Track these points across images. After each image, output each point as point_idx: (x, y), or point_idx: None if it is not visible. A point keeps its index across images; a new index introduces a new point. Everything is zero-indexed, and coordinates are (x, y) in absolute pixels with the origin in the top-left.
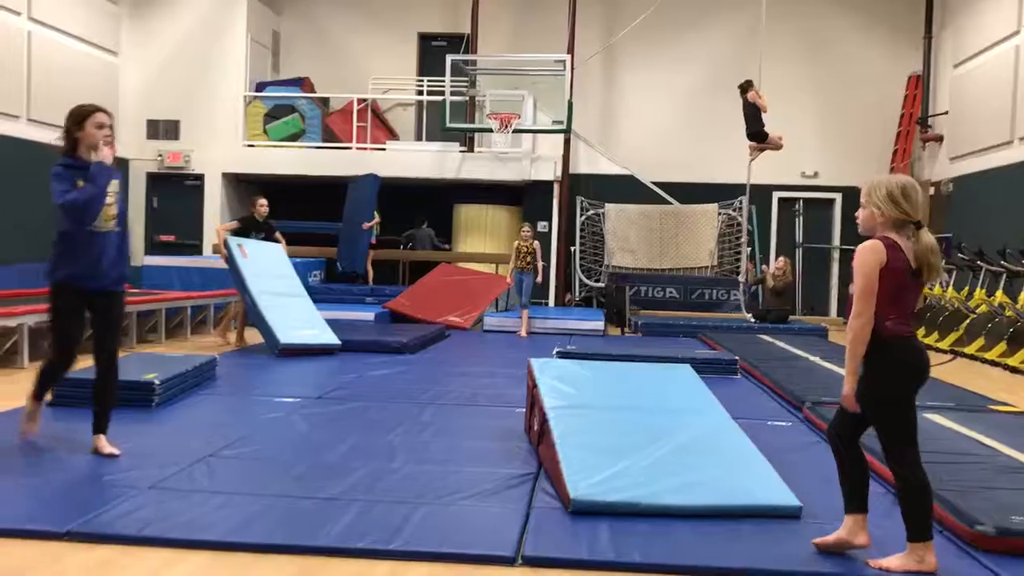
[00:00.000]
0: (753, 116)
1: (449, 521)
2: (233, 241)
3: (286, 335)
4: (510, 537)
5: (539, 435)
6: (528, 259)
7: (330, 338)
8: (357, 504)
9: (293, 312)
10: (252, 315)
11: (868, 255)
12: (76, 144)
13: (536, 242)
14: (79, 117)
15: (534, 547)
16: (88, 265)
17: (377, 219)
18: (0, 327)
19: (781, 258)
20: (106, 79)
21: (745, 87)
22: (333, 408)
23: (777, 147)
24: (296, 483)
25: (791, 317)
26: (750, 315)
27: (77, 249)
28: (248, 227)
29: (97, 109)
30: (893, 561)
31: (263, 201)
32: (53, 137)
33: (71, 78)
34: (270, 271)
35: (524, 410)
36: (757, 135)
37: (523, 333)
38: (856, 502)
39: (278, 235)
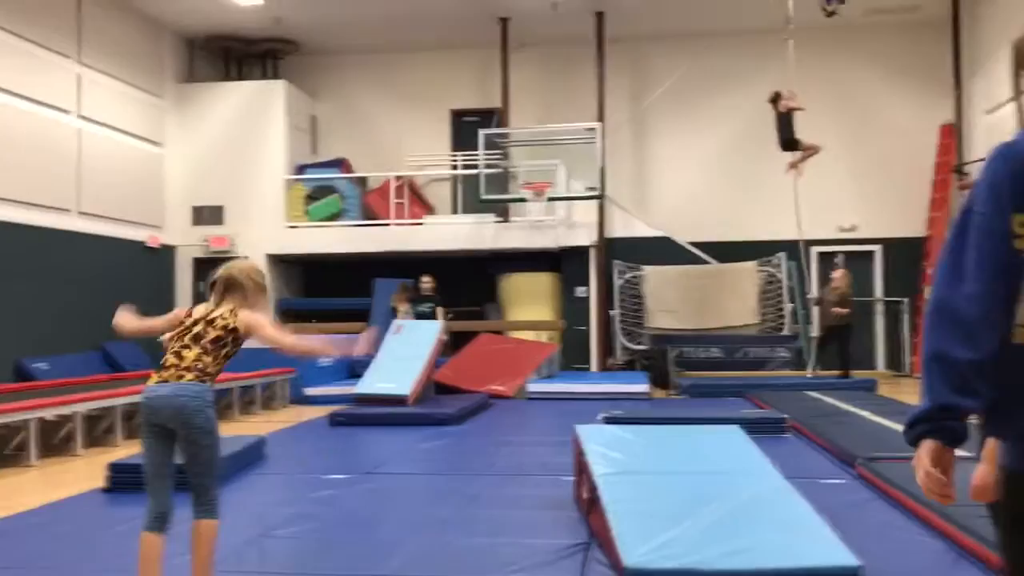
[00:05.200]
0: (785, 125)
1: None
2: (397, 323)
3: (364, 387)
4: None
5: (589, 503)
6: None
7: (398, 390)
8: None
9: (392, 370)
10: None
11: None
12: None
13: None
14: None
15: None
16: None
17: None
18: (56, 416)
19: (839, 270)
20: (152, 169)
21: (775, 98)
22: (382, 483)
23: (815, 150)
24: (348, 561)
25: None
26: (808, 371)
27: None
28: (416, 301)
29: None
30: None
31: (426, 278)
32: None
33: (119, 170)
34: (410, 342)
35: (572, 478)
36: (791, 143)
37: None
38: None
39: (439, 311)
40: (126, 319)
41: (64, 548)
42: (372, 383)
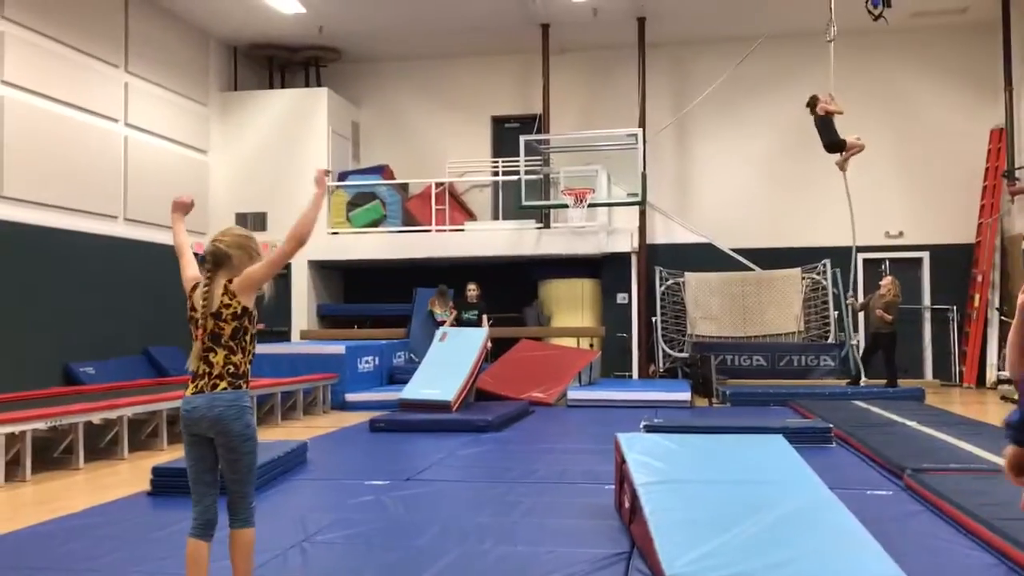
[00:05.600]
0: (825, 128)
1: None
2: (442, 330)
3: (409, 393)
4: None
5: (630, 512)
6: None
7: (442, 396)
8: None
9: (436, 377)
10: None
11: None
12: None
13: None
14: None
15: None
16: None
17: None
18: (102, 419)
19: (888, 277)
20: (197, 177)
21: (812, 102)
22: (422, 490)
23: (859, 148)
24: (389, 568)
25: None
26: (858, 379)
27: None
28: (461, 308)
29: None
30: None
31: (472, 286)
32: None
33: (164, 178)
34: (455, 349)
35: (613, 487)
36: (835, 145)
37: None
38: None
39: (484, 319)
40: (180, 216)
41: (109, 550)
42: (417, 389)
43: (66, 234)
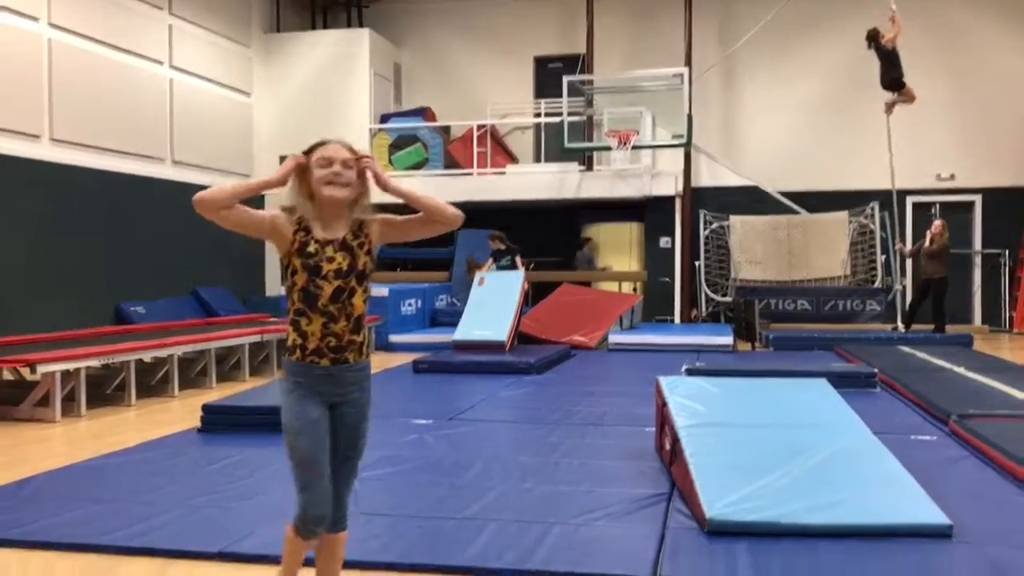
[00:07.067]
0: (891, 63)
1: (584, 541)
2: (480, 275)
3: (462, 334)
4: (646, 557)
5: (671, 454)
6: None
7: (496, 336)
8: (493, 524)
9: (484, 318)
10: None
11: None
12: None
13: None
14: None
15: (672, 568)
16: None
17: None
18: (153, 358)
19: (938, 221)
20: (241, 119)
21: (873, 35)
22: (465, 429)
23: (912, 99)
24: (434, 503)
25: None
26: (900, 325)
27: None
28: (495, 257)
29: None
30: None
31: (494, 233)
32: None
33: (209, 120)
34: (495, 292)
35: (654, 429)
36: (896, 82)
37: None
38: None
39: (518, 260)
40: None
41: (161, 484)
42: (469, 330)
43: (115, 175)
